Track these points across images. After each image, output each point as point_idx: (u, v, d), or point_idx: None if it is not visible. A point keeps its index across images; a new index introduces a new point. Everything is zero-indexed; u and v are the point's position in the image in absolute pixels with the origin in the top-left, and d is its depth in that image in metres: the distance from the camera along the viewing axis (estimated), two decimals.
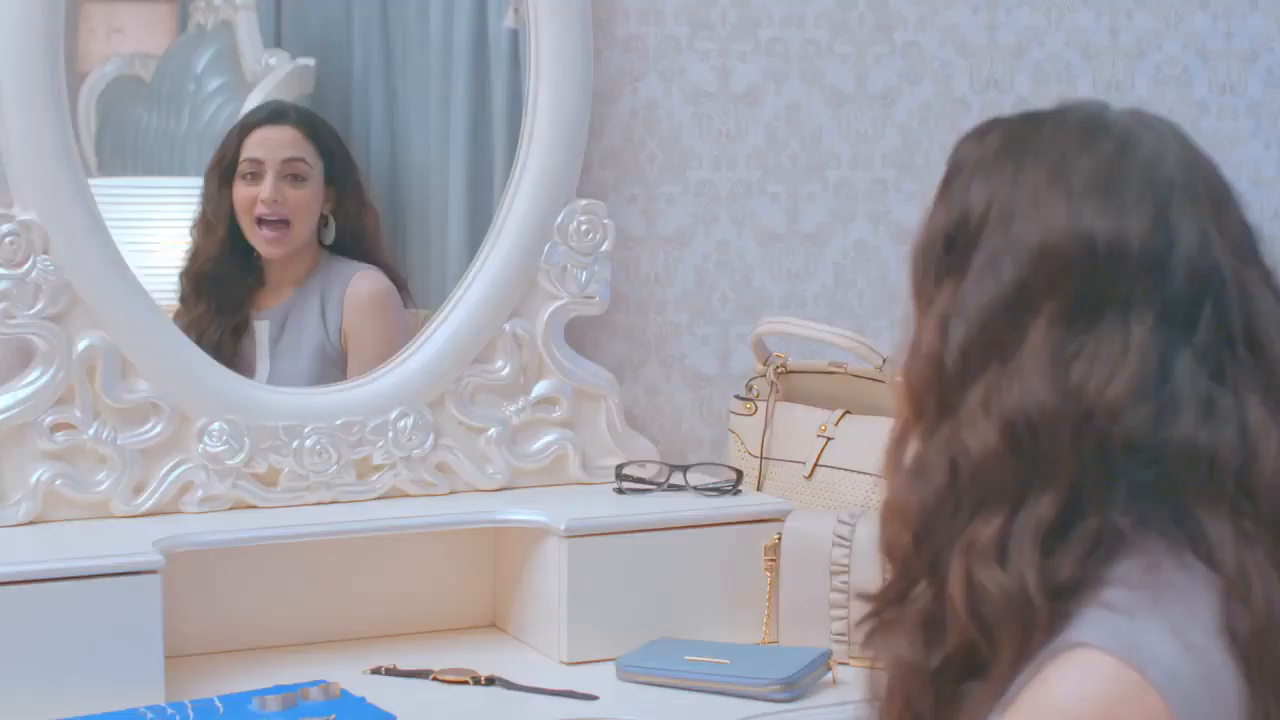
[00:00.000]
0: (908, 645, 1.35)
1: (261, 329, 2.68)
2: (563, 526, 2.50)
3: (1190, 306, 1.31)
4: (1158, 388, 1.29)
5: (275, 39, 2.82)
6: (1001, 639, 1.29)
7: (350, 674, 2.39)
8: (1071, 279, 1.30)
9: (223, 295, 2.67)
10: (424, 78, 2.85)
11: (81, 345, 2.46)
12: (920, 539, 1.34)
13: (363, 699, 2.27)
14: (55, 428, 2.46)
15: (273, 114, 2.72)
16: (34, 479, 2.45)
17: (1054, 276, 1.31)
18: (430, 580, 2.64)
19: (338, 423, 2.58)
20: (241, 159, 2.66)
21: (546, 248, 2.68)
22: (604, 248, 2.71)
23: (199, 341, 2.59)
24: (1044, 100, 3.06)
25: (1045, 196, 1.33)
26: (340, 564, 2.58)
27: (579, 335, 2.76)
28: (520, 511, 2.58)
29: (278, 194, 2.66)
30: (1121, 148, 1.35)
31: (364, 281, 2.72)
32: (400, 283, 2.76)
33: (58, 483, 2.46)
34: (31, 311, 2.43)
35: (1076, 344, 1.30)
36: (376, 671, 2.43)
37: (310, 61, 2.81)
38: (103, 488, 2.48)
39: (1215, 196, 1.37)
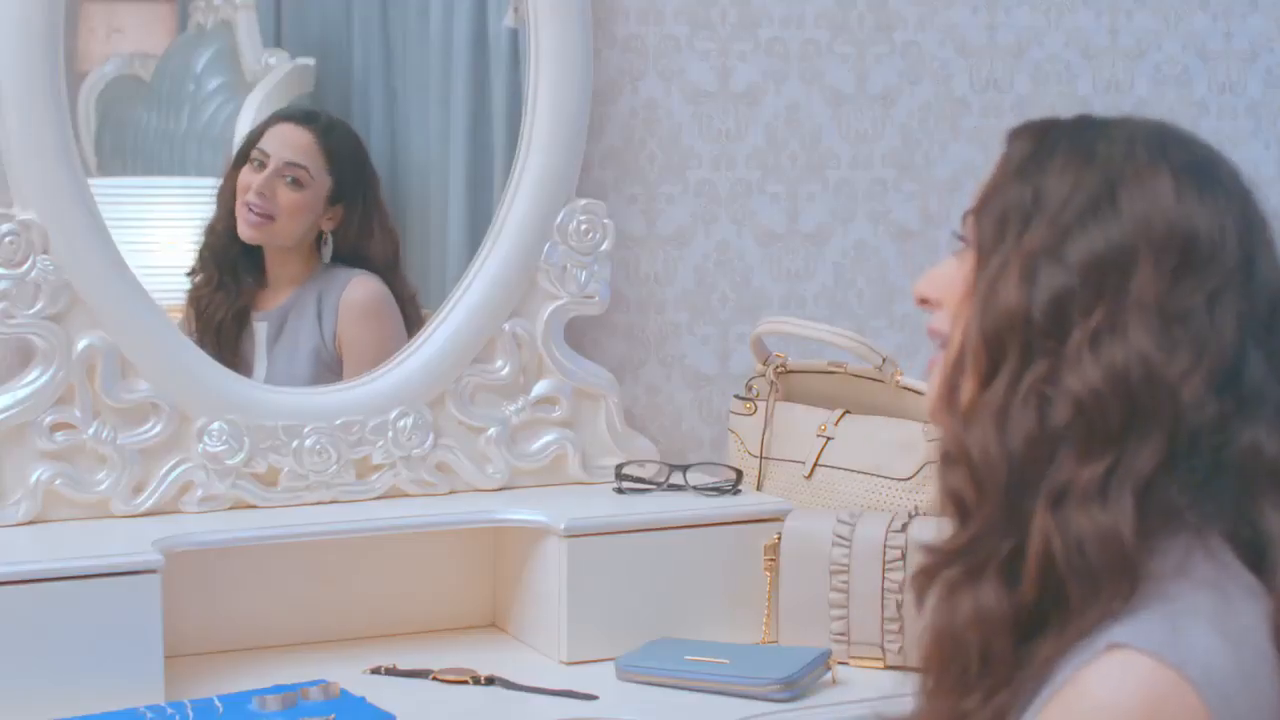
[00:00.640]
0: (993, 596, 1.32)
1: (260, 329, 2.68)
2: (562, 526, 2.50)
3: (1268, 317, 1.33)
4: (1232, 382, 1.30)
5: (275, 39, 2.82)
6: (1099, 577, 1.28)
7: (350, 674, 2.39)
8: (1174, 251, 1.31)
9: (222, 272, 2.68)
10: (424, 77, 2.85)
11: (81, 345, 2.46)
12: (1005, 487, 1.32)
13: (362, 699, 2.27)
14: (55, 427, 2.46)
15: (302, 115, 2.74)
16: (34, 479, 2.45)
17: (1158, 244, 1.31)
18: (430, 580, 2.64)
19: (337, 422, 2.58)
20: (256, 146, 2.68)
21: (546, 247, 2.68)
22: (604, 247, 2.71)
23: (202, 323, 2.63)
24: (1044, 100, 3.08)
25: (1149, 176, 1.33)
26: (340, 564, 2.58)
27: (579, 335, 2.76)
28: (520, 511, 2.57)
29: (268, 189, 2.66)
30: (1211, 152, 1.38)
31: (358, 288, 2.72)
32: (411, 298, 2.76)
33: (57, 482, 2.46)
34: (31, 311, 2.43)
35: (1175, 310, 1.30)
36: (376, 671, 2.43)
37: (310, 61, 2.81)
38: (102, 487, 2.48)
39: (1267, 224, 1.40)
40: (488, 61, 2.80)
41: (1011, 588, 1.31)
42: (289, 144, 2.68)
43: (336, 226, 2.71)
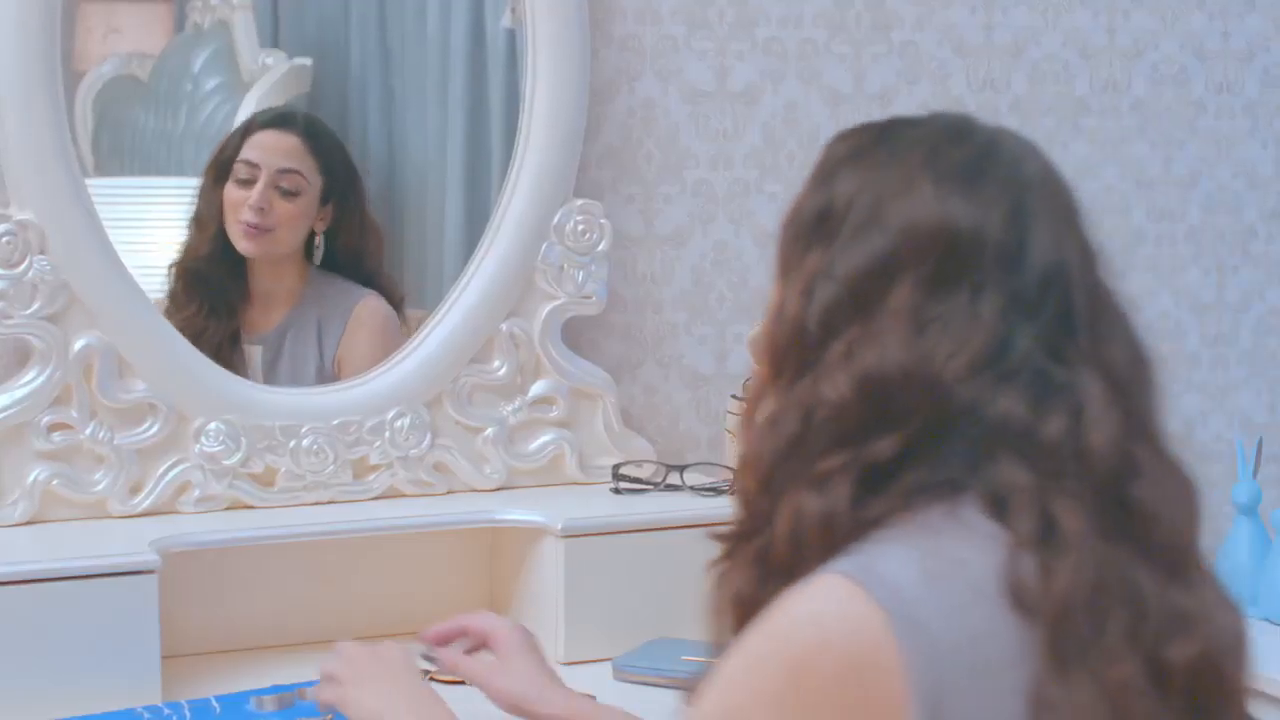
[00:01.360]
0: (744, 580, 1.44)
1: (254, 353, 2.65)
2: (560, 526, 2.50)
3: (1037, 298, 1.39)
4: (997, 361, 1.37)
5: (272, 39, 2.82)
6: (810, 558, 1.36)
7: None
8: (933, 255, 1.38)
9: (213, 298, 2.64)
10: (421, 77, 2.85)
11: (78, 345, 2.46)
12: (766, 482, 1.42)
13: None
14: (52, 428, 2.46)
15: (279, 118, 2.69)
16: (31, 479, 2.45)
17: (918, 252, 1.39)
18: (427, 580, 2.64)
19: (335, 423, 2.58)
20: (239, 159, 2.64)
21: (544, 247, 2.69)
22: (601, 247, 2.72)
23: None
24: (1041, 100, 3.08)
25: (915, 180, 1.41)
26: (337, 564, 2.58)
27: (576, 335, 2.76)
28: (517, 511, 2.58)
29: (264, 202, 2.63)
30: (988, 146, 1.44)
31: (370, 308, 2.70)
32: (399, 303, 2.74)
33: (55, 483, 2.46)
34: (28, 311, 2.43)
35: (933, 312, 1.38)
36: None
37: (307, 61, 2.81)
38: (100, 488, 2.48)
39: (1069, 208, 1.46)
40: (485, 61, 2.80)
41: (760, 574, 1.42)
42: (277, 151, 2.65)
43: (329, 226, 2.69)
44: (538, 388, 2.71)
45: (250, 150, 2.64)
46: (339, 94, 2.84)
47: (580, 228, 2.70)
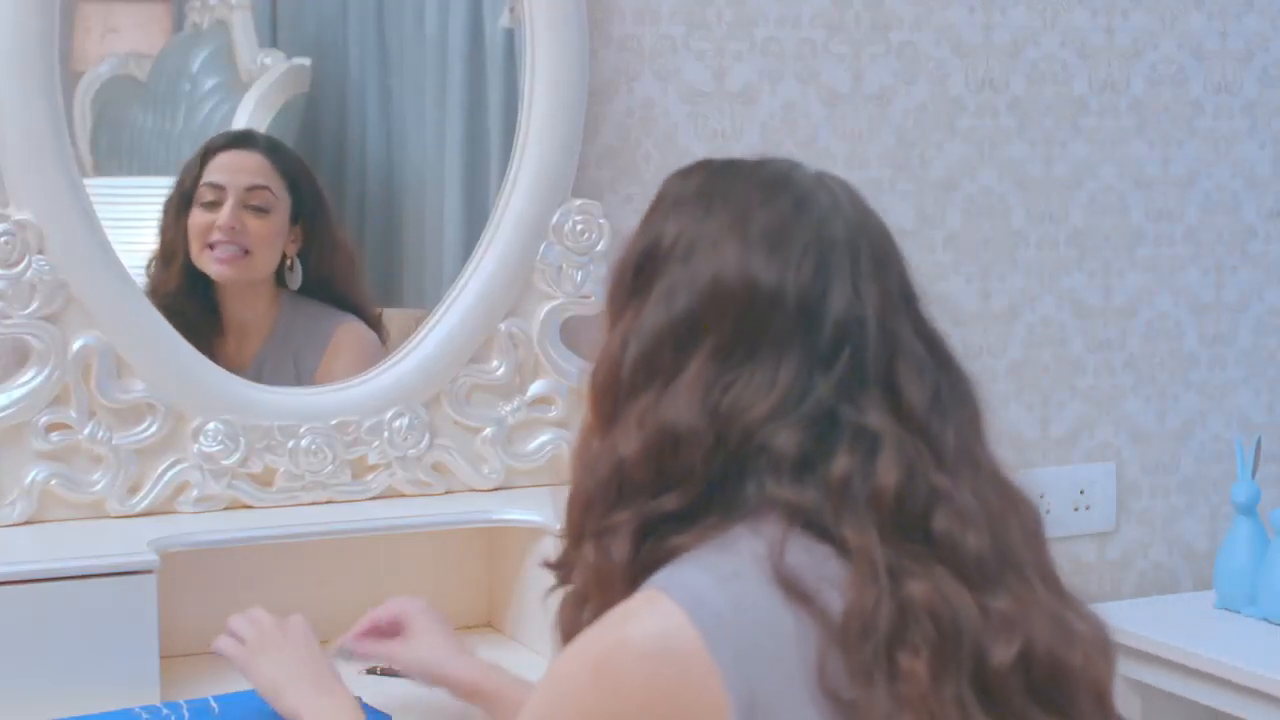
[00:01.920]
0: (569, 616, 1.53)
1: None
2: (558, 526, 2.49)
3: (831, 351, 1.47)
4: (794, 411, 1.45)
5: (271, 38, 2.82)
6: (599, 604, 1.47)
7: (346, 673, 2.38)
8: (734, 315, 1.47)
9: (186, 333, 2.54)
10: (420, 77, 2.85)
11: (77, 345, 2.46)
12: (577, 524, 1.53)
13: (359, 698, 2.26)
14: (50, 428, 2.46)
15: (238, 139, 2.66)
16: (29, 479, 2.45)
17: (720, 310, 1.47)
18: (426, 580, 2.64)
19: (333, 423, 2.58)
20: (201, 184, 2.60)
21: (542, 247, 2.69)
22: (600, 247, 2.72)
23: None
24: (1040, 100, 3.08)
25: (724, 240, 1.49)
26: (336, 564, 2.58)
27: (575, 335, 2.76)
28: (516, 511, 2.58)
29: (235, 221, 2.58)
30: (798, 206, 1.52)
31: (349, 332, 2.68)
32: (376, 321, 2.72)
33: (53, 483, 2.46)
34: (27, 311, 2.43)
35: (729, 377, 1.46)
36: (372, 672, 2.42)
37: (306, 61, 2.81)
38: (98, 488, 2.48)
39: (878, 256, 1.53)
40: (484, 61, 2.80)
41: (579, 608, 1.52)
42: (242, 170, 2.61)
43: (302, 248, 2.66)
44: (536, 387, 2.71)
45: (213, 173, 2.60)
46: (337, 94, 2.84)
47: (579, 228, 2.70)
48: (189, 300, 2.61)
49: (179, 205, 2.61)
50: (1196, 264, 3.26)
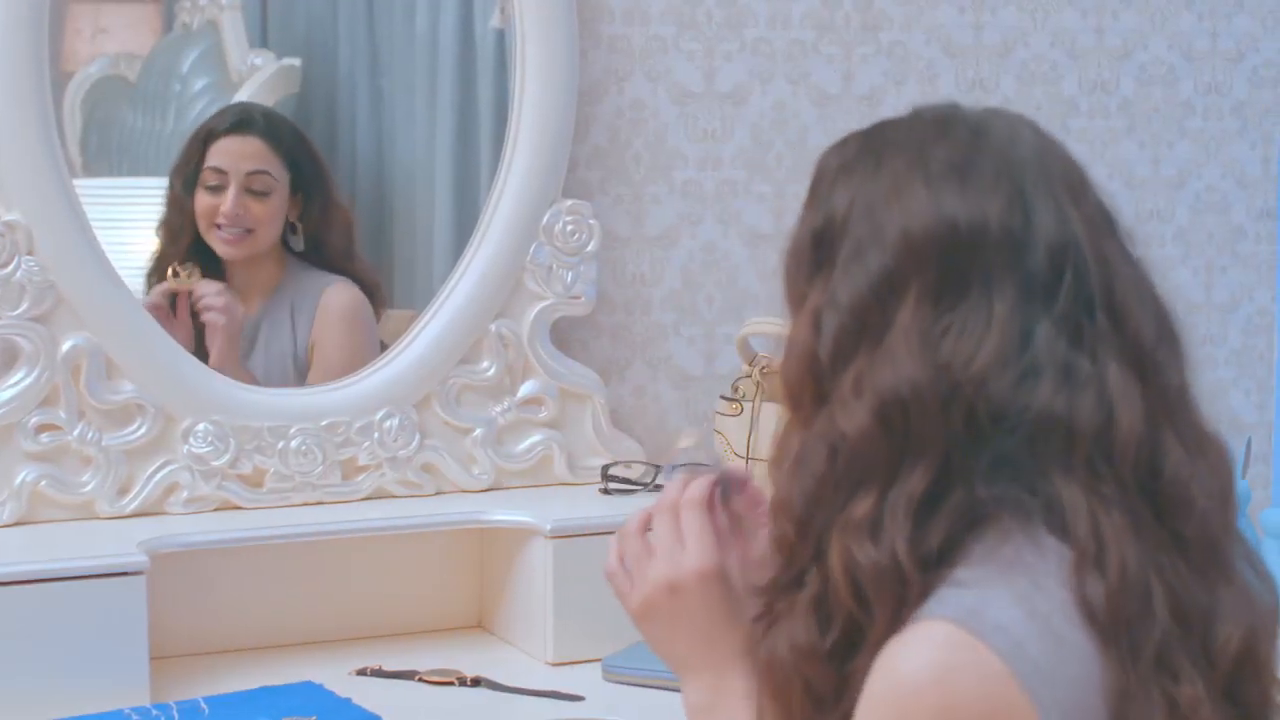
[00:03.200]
0: (803, 630, 1.36)
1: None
2: (548, 527, 2.50)
3: (1050, 280, 1.35)
4: (1019, 357, 1.33)
5: (261, 39, 2.82)
6: (877, 611, 1.31)
7: (336, 675, 2.39)
8: (935, 261, 1.34)
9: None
10: (410, 78, 2.85)
11: (66, 346, 2.46)
12: (803, 526, 1.37)
13: (348, 700, 2.27)
14: (40, 429, 2.46)
15: (238, 123, 2.68)
16: (19, 480, 2.45)
17: (919, 260, 1.35)
18: (416, 581, 2.64)
19: (323, 423, 2.58)
20: (205, 167, 2.64)
21: (532, 248, 2.68)
22: (590, 248, 2.72)
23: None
24: (1030, 100, 3.08)
25: (905, 185, 1.37)
26: (326, 565, 2.58)
27: (565, 336, 2.76)
28: (506, 512, 2.58)
29: (240, 207, 2.63)
30: (975, 134, 1.40)
31: (336, 294, 2.70)
32: (374, 288, 2.74)
33: (42, 484, 2.45)
34: (16, 312, 2.43)
35: (944, 322, 1.33)
36: (362, 673, 2.42)
37: (296, 62, 2.81)
38: (88, 489, 2.48)
39: (1070, 179, 1.41)
40: (474, 62, 2.80)
41: (821, 622, 1.36)
42: (243, 156, 2.65)
43: (301, 213, 2.70)
44: (526, 388, 2.71)
45: (215, 157, 2.64)
46: (328, 94, 2.84)
47: (569, 228, 2.70)
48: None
49: (183, 183, 2.65)
50: (1187, 264, 3.26)
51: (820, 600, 1.36)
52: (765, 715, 1.42)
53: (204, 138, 2.65)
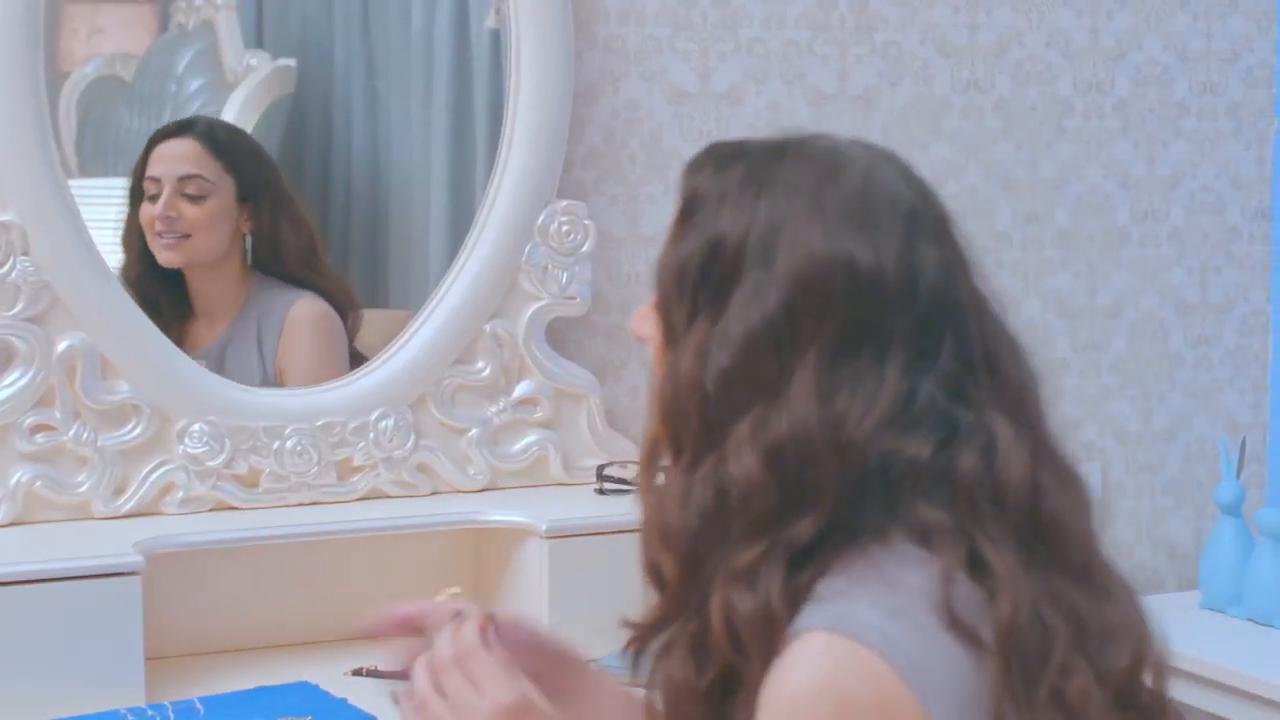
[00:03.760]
0: (680, 667, 1.38)
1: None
2: (544, 527, 2.50)
3: (935, 335, 1.36)
4: (905, 412, 1.34)
5: (257, 39, 2.82)
6: (752, 656, 1.33)
7: (331, 675, 2.39)
8: (836, 304, 1.34)
9: (151, 312, 2.56)
10: (405, 78, 2.85)
11: (61, 346, 2.46)
12: (689, 565, 1.37)
13: (344, 700, 2.27)
14: (35, 429, 2.46)
15: (177, 128, 2.68)
16: (14, 480, 2.45)
17: (821, 302, 1.34)
18: (411, 581, 2.64)
19: (318, 424, 2.58)
20: (146, 176, 2.64)
21: (527, 248, 2.69)
22: (585, 248, 2.72)
23: None
24: (1025, 100, 3.08)
25: (805, 225, 1.36)
26: (321, 565, 2.58)
27: (560, 336, 2.76)
28: (501, 512, 2.58)
29: (171, 210, 2.62)
30: (866, 178, 1.40)
31: (303, 309, 2.68)
32: (342, 298, 2.72)
33: (38, 484, 2.45)
34: (11, 313, 2.43)
35: (839, 378, 1.34)
36: (358, 673, 2.42)
37: (291, 62, 2.81)
38: (83, 489, 2.48)
39: (941, 222, 1.42)
40: (469, 62, 2.80)
41: (700, 662, 1.37)
42: (175, 159, 2.64)
43: (253, 227, 2.68)
44: (522, 388, 2.71)
45: (153, 165, 2.64)
46: (323, 95, 2.84)
47: (564, 228, 2.70)
48: (153, 284, 2.64)
49: (133, 198, 2.65)
50: (1182, 264, 3.26)
51: (698, 641, 1.37)
52: None
53: (146, 148, 2.65)
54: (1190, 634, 2.92)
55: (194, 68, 2.81)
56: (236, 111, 2.77)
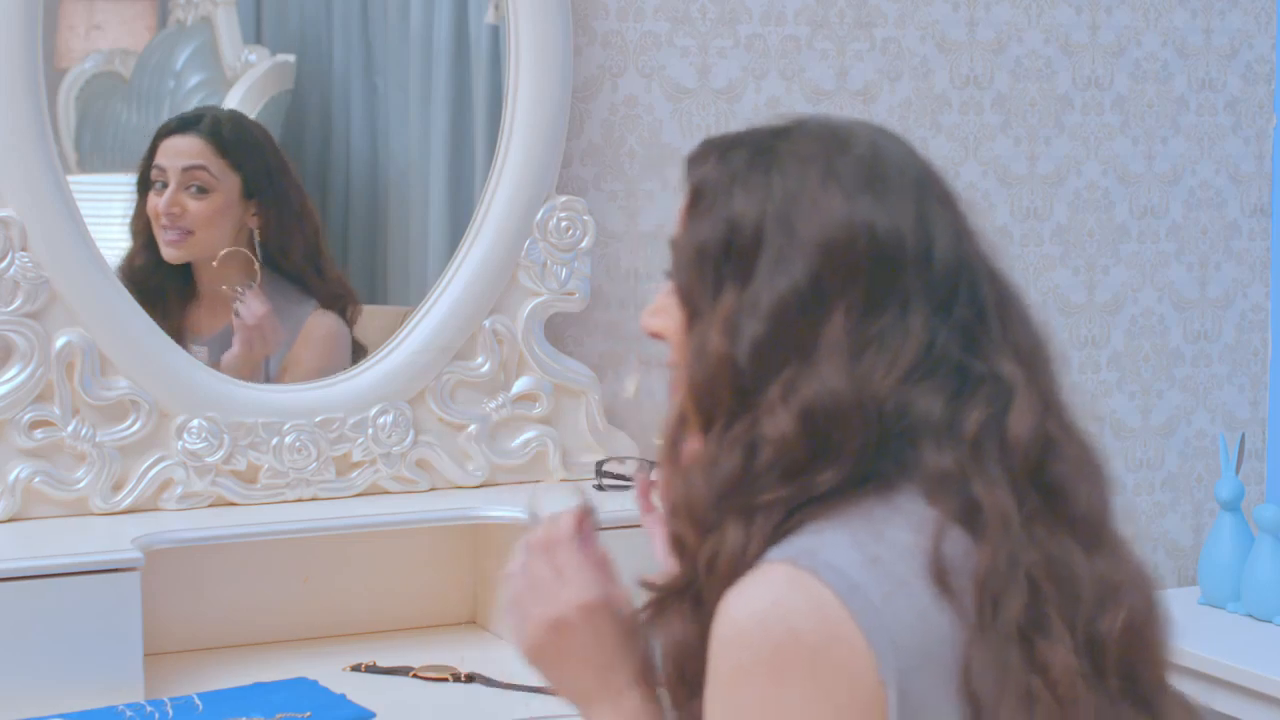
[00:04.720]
0: (680, 624, 1.40)
1: (199, 353, 2.63)
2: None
3: (950, 294, 1.40)
4: (924, 364, 1.38)
5: (255, 35, 2.82)
6: (723, 587, 1.35)
7: (330, 671, 2.39)
8: (860, 268, 1.38)
9: (154, 298, 2.59)
10: (404, 74, 2.85)
11: (60, 342, 2.46)
12: (704, 526, 1.39)
13: (342, 696, 2.27)
14: (34, 425, 2.46)
15: (184, 123, 2.69)
16: (13, 477, 2.45)
17: (845, 267, 1.38)
18: (410, 577, 2.64)
19: (317, 419, 2.58)
20: (152, 167, 2.64)
21: (526, 244, 2.69)
22: (584, 244, 2.72)
23: None
24: (1024, 96, 3.08)
25: (822, 195, 1.40)
26: (320, 561, 2.58)
27: (559, 332, 2.76)
28: (500, 508, 2.57)
29: (175, 204, 2.63)
30: (873, 149, 1.44)
31: (321, 325, 2.69)
32: (346, 299, 2.72)
33: (36, 480, 2.45)
34: (9, 309, 2.43)
35: (866, 336, 1.37)
36: (356, 669, 2.43)
37: (290, 58, 2.81)
38: (82, 485, 2.48)
39: (947, 192, 1.46)
40: (468, 58, 2.80)
41: (699, 616, 1.39)
42: (180, 152, 2.64)
43: (260, 223, 2.68)
44: (520, 384, 2.71)
45: (159, 157, 2.65)
46: (322, 91, 2.84)
47: (563, 224, 2.70)
48: (157, 272, 2.64)
49: (140, 186, 2.65)
50: (1180, 260, 3.26)
51: (698, 597, 1.40)
52: (671, 701, 1.45)
53: (154, 139, 2.66)
54: (1189, 630, 2.91)
55: (192, 63, 2.81)
56: (235, 107, 2.76)
